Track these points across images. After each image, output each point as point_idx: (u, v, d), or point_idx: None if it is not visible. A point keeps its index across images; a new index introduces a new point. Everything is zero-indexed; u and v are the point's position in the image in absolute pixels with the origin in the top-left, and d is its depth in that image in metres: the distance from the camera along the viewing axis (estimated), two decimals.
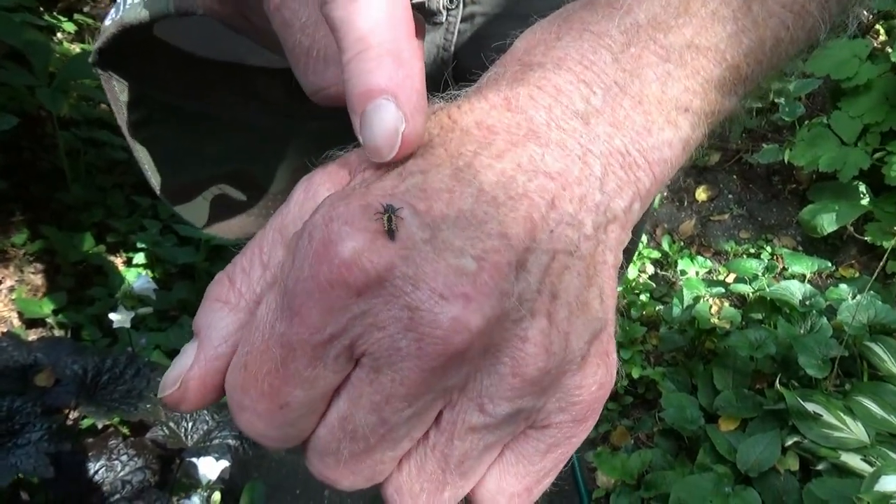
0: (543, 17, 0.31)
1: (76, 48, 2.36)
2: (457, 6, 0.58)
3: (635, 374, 1.79)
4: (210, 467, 0.96)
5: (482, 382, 0.24)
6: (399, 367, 0.23)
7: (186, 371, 0.26)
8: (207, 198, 0.56)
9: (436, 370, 0.23)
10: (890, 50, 2.04)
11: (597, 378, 0.26)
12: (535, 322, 0.24)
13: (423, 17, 0.60)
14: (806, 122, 2.16)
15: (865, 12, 2.43)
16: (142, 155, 0.51)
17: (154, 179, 0.53)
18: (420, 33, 0.28)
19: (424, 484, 0.25)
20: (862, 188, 2.04)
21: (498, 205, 0.24)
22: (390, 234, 0.23)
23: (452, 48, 0.60)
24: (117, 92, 0.46)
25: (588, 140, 0.27)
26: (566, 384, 0.25)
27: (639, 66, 0.28)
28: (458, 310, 0.22)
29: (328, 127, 0.56)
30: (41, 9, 2.19)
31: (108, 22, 0.43)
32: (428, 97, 0.28)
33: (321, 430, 0.25)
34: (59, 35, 2.36)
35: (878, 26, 2.45)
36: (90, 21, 2.45)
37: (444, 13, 0.58)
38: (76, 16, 2.41)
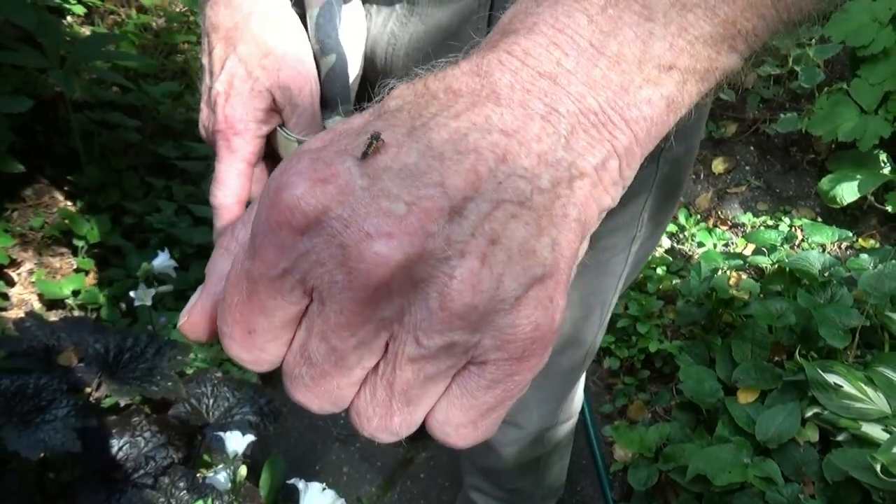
0: None
1: (86, 31, 2.36)
2: None
3: (652, 349, 1.78)
4: (237, 441, 0.97)
5: (417, 316, 0.26)
6: (337, 298, 0.26)
7: (190, 305, 0.31)
8: None
9: (367, 300, 0.25)
10: None
11: (532, 319, 0.27)
12: (463, 262, 0.25)
13: None
14: (825, 90, 2.12)
15: None
16: None
17: None
18: None
19: (376, 408, 0.28)
20: (883, 157, 2.01)
21: (444, 159, 0.26)
22: (364, 156, 0.26)
23: (488, 5, 0.59)
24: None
25: (554, 100, 0.28)
26: (499, 323, 0.26)
27: (618, 26, 0.28)
28: (380, 246, 0.25)
29: None
30: None
31: None
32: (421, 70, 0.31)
33: (288, 357, 0.29)
34: (68, 18, 2.36)
35: None
36: (99, 3, 2.44)
37: None
38: None
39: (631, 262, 0.82)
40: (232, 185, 0.53)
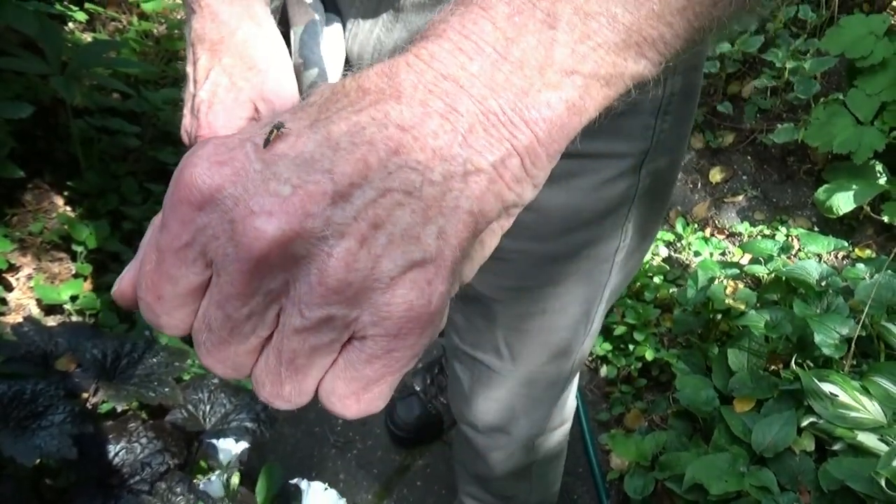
0: None
1: (87, 37, 2.37)
2: None
3: (649, 357, 1.78)
4: (230, 448, 0.97)
5: (300, 290, 0.28)
6: (228, 269, 0.28)
7: (122, 274, 0.34)
8: None
9: (252, 272, 0.28)
10: None
11: (407, 299, 0.28)
12: (342, 242, 0.27)
13: None
14: (822, 101, 2.13)
15: None
16: None
17: None
18: None
19: (269, 375, 0.30)
20: (879, 167, 2.02)
21: (337, 149, 0.28)
22: (265, 144, 0.29)
23: None
24: None
25: (455, 100, 0.29)
26: (376, 300, 0.28)
27: (521, 33, 0.30)
28: (260, 222, 0.27)
29: None
30: None
31: None
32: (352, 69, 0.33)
33: (194, 324, 0.31)
34: (70, 24, 2.37)
35: (895, 3, 2.41)
36: (101, 10, 2.46)
37: None
38: (87, 5, 2.41)
39: (616, 273, 0.83)
40: None
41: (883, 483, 1.21)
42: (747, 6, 0.34)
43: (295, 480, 0.82)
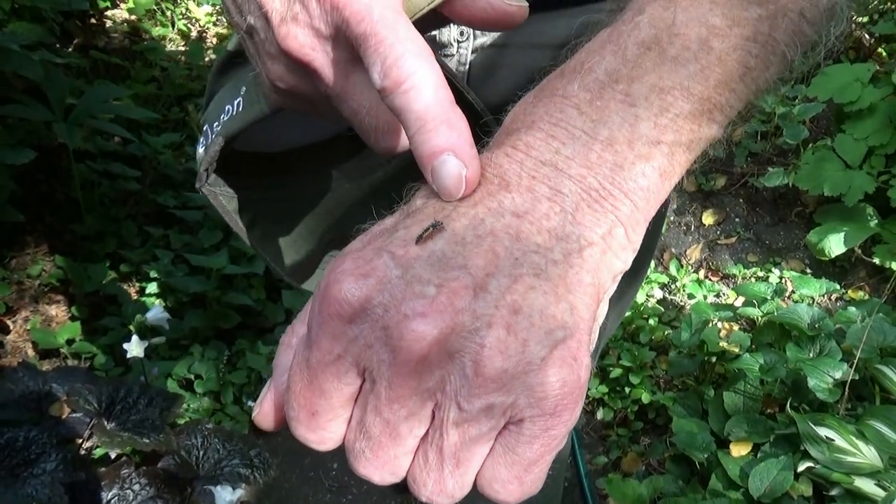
0: (544, 47, 0.36)
1: (92, 83, 2.41)
2: (467, 38, 0.62)
3: (645, 400, 1.78)
4: (227, 495, 0.97)
5: (456, 384, 0.29)
6: (385, 375, 0.29)
7: (262, 397, 0.35)
8: (324, 267, 0.61)
9: (411, 374, 0.29)
10: (893, 73, 2.05)
11: (560, 377, 0.29)
12: (491, 331, 0.28)
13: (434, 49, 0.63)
14: (810, 146, 2.17)
15: (867, 35, 2.43)
16: (261, 251, 0.60)
17: (279, 267, 0.63)
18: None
19: (430, 473, 0.31)
20: (869, 210, 2.05)
21: (465, 244, 0.30)
22: (418, 239, 0.31)
23: (465, 79, 0.63)
24: (225, 205, 0.54)
25: (557, 183, 0.32)
26: (530, 382, 0.29)
27: (605, 114, 0.33)
28: (416, 324, 0.28)
29: (391, 173, 0.63)
30: (58, 46, 2.25)
31: (200, 149, 0.51)
32: None
33: (348, 434, 0.32)
34: (74, 71, 2.42)
35: (880, 49, 2.48)
36: (105, 56, 2.51)
37: (455, 45, 0.62)
38: (91, 52, 2.47)
39: (611, 314, 0.84)
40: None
41: None
42: (790, 67, 0.37)
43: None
